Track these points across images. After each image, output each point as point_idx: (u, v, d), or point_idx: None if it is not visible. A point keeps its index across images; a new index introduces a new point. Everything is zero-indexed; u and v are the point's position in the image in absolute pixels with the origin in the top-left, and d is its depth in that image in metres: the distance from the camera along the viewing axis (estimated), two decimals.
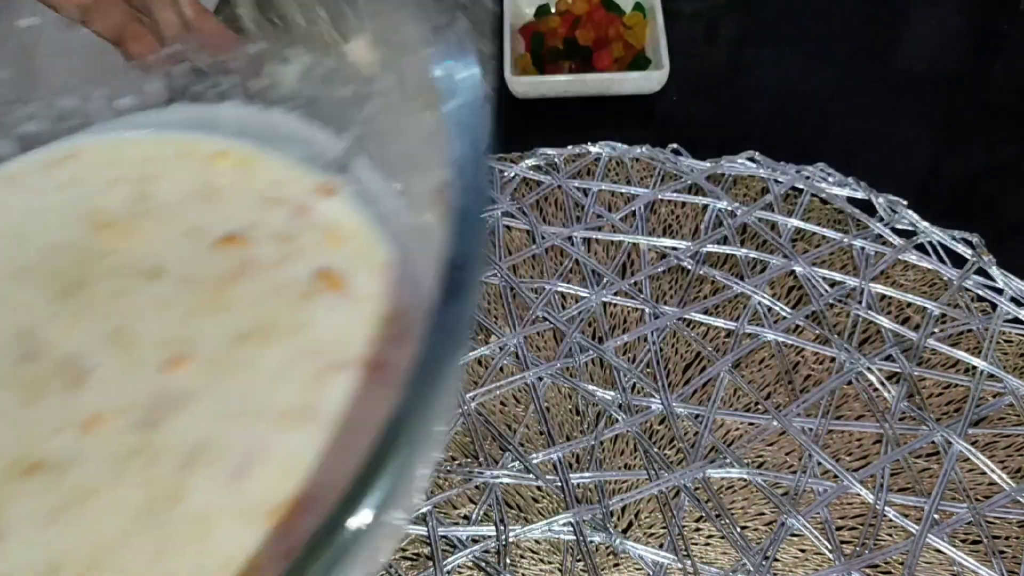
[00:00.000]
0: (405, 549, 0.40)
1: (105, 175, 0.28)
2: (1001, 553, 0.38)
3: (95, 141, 0.29)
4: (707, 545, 0.39)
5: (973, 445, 0.41)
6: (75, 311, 0.25)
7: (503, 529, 0.40)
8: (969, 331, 0.45)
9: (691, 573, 0.38)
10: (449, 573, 0.39)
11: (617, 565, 0.39)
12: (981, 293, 0.46)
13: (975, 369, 0.43)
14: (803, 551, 0.39)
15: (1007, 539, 0.39)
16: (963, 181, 0.52)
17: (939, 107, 0.56)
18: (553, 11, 0.59)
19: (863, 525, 0.39)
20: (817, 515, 0.40)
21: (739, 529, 0.39)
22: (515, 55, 0.57)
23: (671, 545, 0.39)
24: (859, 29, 0.61)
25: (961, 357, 0.44)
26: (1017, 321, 0.45)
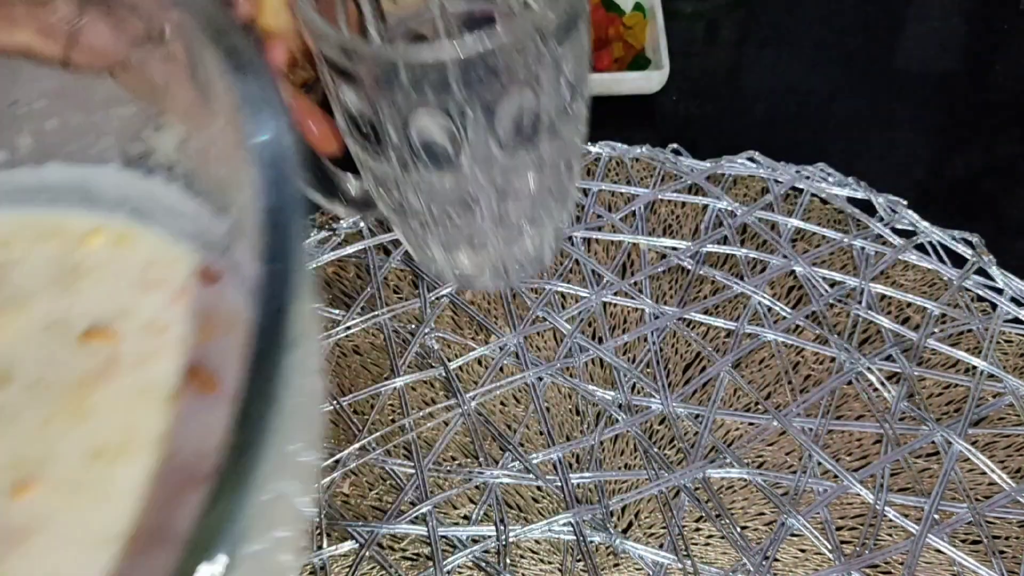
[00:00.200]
0: (405, 549, 0.40)
1: None
2: (1001, 553, 0.38)
3: None
4: (707, 545, 0.39)
5: (973, 445, 0.41)
6: None
7: (503, 529, 0.40)
8: (969, 331, 0.45)
9: (691, 573, 0.38)
10: (449, 573, 0.39)
11: (617, 565, 0.39)
12: (981, 293, 0.46)
13: (975, 369, 0.43)
14: (803, 551, 0.39)
15: (1007, 539, 0.39)
16: (963, 181, 0.52)
17: (939, 107, 0.56)
18: None
19: (863, 525, 0.39)
20: (817, 515, 0.40)
21: (739, 529, 0.39)
22: None
23: (671, 545, 0.39)
24: (859, 29, 0.61)
25: (961, 357, 0.44)
26: (1017, 321, 0.45)
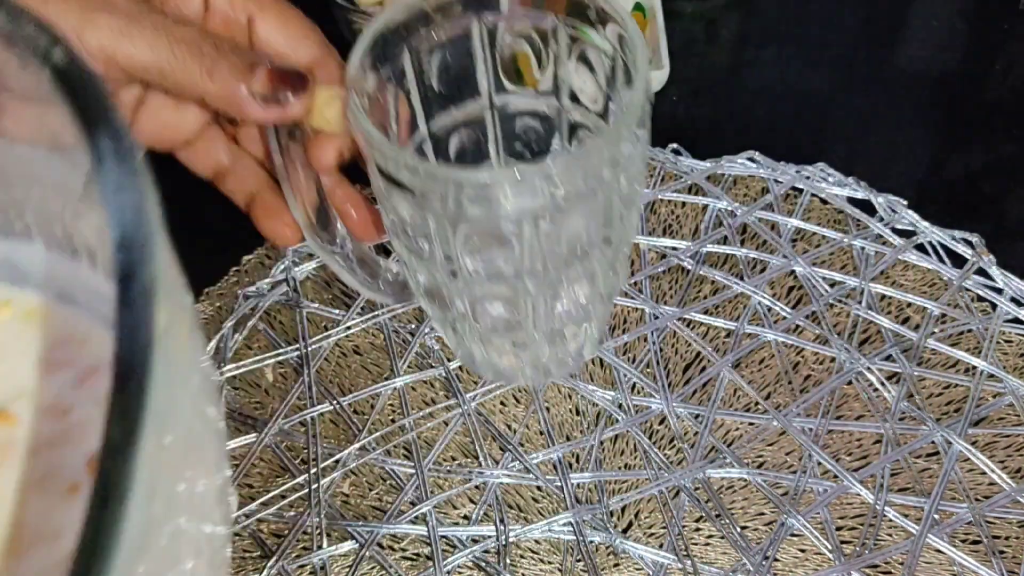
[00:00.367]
0: (405, 549, 0.40)
1: None
2: (1001, 553, 0.38)
3: None
4: (707, 545, 0.39)
5: (973, 445, 0.41)
6: None
7: (503, 529, 0.40)
8: (969, 331, 0.45)
9: (691, 573, 0.38)
10: (449, 573, 0.39)
11: (617, 565, 0.39)
12: (981, 293, 0.46)
13: (975, 369, 0.43)
14: (803, 551, 0.39)
15: (1007, 539, 0.39)
16: (963, 181, 0.52)
17: (939, 107, 0.56)
18: None
19: (863, 525, 0.39)
20: (817, 515, 0.40)
21: (739, 529, 0.39)
22: None
23: (671, 545, 0.39)
24: (859, 29, 0.61)
25: (961, 357, 0.44)
26: (1017, 321, 0.45)
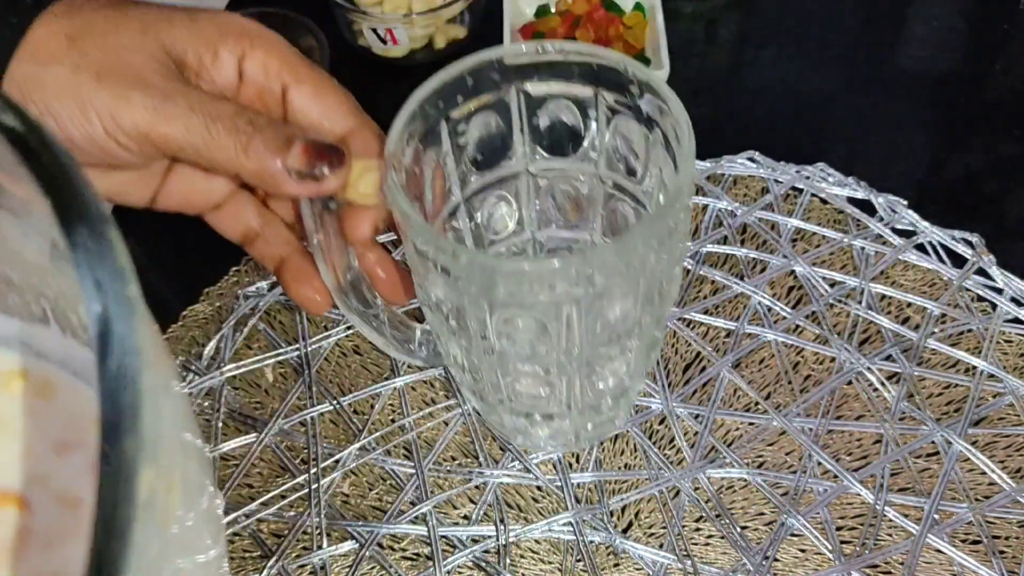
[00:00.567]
0: (405, 549, 0.40)
1: None
2: (1001, 553, 0.38)
3: None
4: (707, 545, 0.39)
5: (973, 445, 0.41)
6: None
7: (503, 529, 0.40)
8: (969, 331, 0.45)
9: (691, 573, 0.38)
10: (449, 573, 0.39)
11: (617, 565, 0.39)
12: (981, 293, 0.46)
13: (975, 369, 0.43)
14: (803, 551, 0.39)
15: (1007, 539, 0.39)
16: (963, 181, 0.52)
17: (939, 107, 0.56)
18: (553, 11, 0.59)
19: (863, 525, 0.39)
20: (817, 515, 0.40)
21: (739, 529, 0.39)
22: None
23: (671, 545, 0.39)
24: (859, 29, 0.61)
25: (961, 357, 0.44)
26: (1017, 321, 0.45)
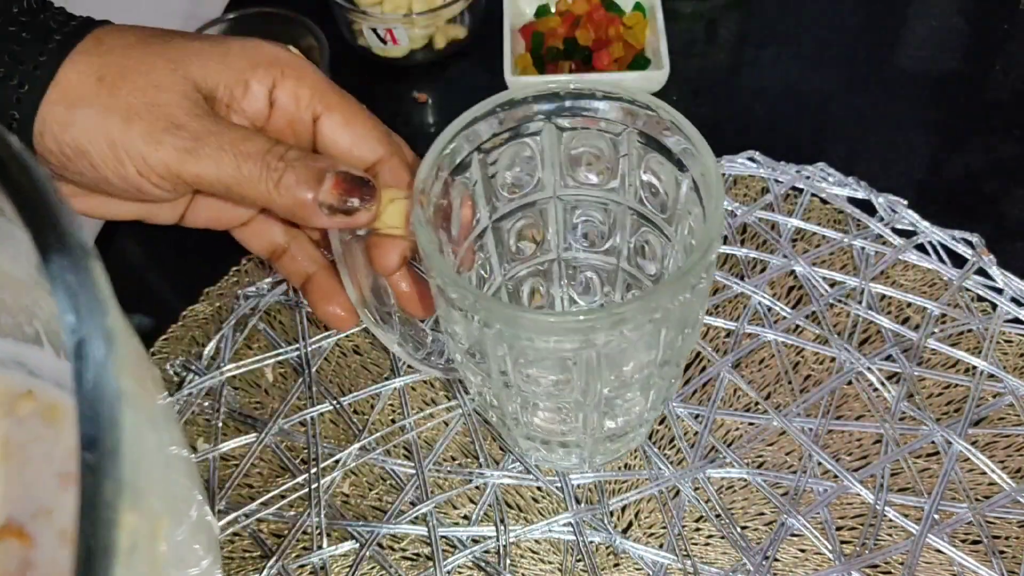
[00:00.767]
0: (405, 549, 0.40)
1: None
2: (1001, 553, 0.38)
3: None
4: (707, 545, 0.39)
5: (973, 445, 0.41)
6: None
7: (503, 529, 0.40)
8: (969, 331, 0.45)
9: (691, 573, 0.38)
10: (449, 573, 0.39)
11: (617, 565, 0.39)
12: (981, 293, 0.46)
13: (975, 369, 0.43)
14: (803, 551, 0.39)
15: (1007, 539, 0.39)
16: (963, 181, 0.52)
17: (939, 107, 0.56)
18: (553, 11, 0.59)
19: (863, 525, 0.39)
20: (817, 515, 0.40)
21: (739, 529, 0.39)
22: (515, 55, 0.57)
23: (671, 545, 0.39)
24: (859, 29, 0.61)
25: (961, 357, 0.44)
26: (1017, 321, 0.45)
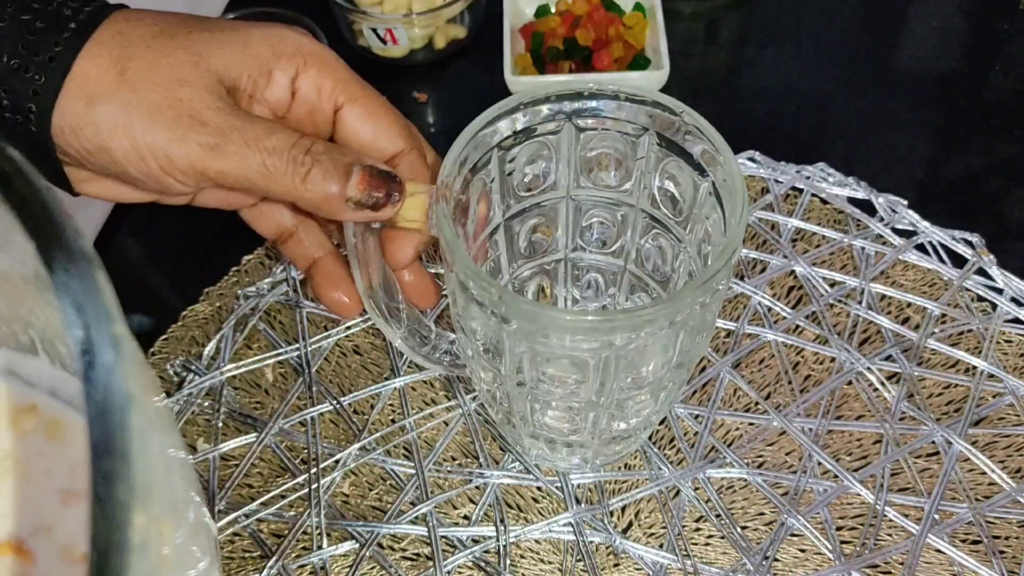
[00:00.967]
0: (405, 549, 0.40)
1: None
2: (1001, 553, 0.38)
3: None
4: (707, 545, 0.39)
5: (973, 445, 0.41)
6: None
7: (503, 529, 0.40)
8: (969, 331, 0.45)
9: (691, 573, 0.38)
10: (449, 573, 0.39)
11: (617, 565, 0.39)
12: (981, 293, 0.46)
13: (975, 369, 0.43)
14: (803, 551, 0.39)
15: (1007, 539, 0.39)
16: (963, 181, 0.52)
17: (939, 107, 0.56)
18: (553, 11, 0.59)
19: (863, 525, 0.39)
20: (817, 515, 0.40)
21: (739, 529, 0.39)
22: (515, 55, 0.57)
23: (671, 545, 0.39)
24: (859, 29, 0.61)
25: (961, 357, 0.44)
26: (1017, 321, 0.45)
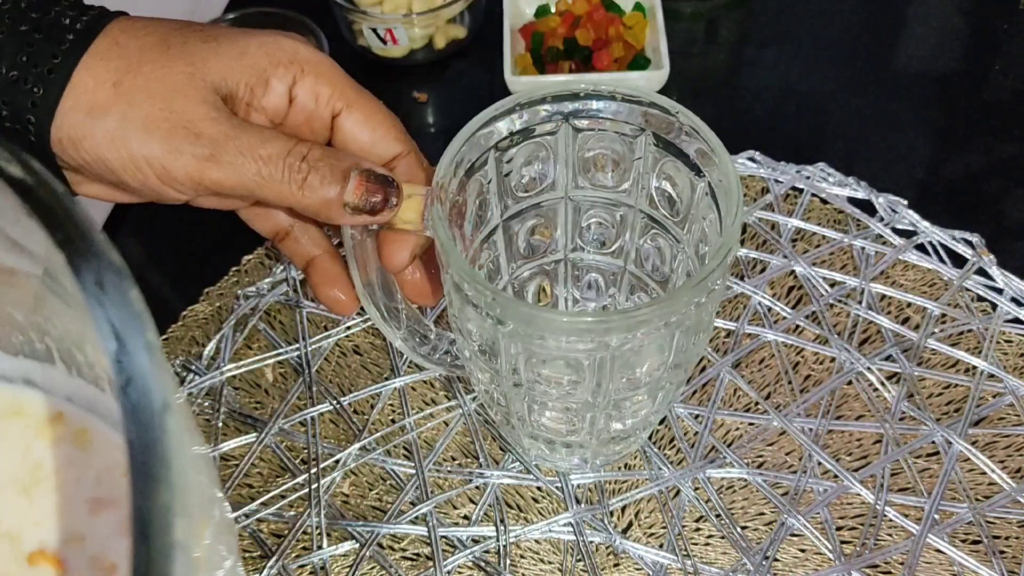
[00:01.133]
0: (405, 549, 0.40)
1: None
2: (1001, 553, 0.38)
3: None
4: (707, 545, 0.39)
5: (973, 445, 0.41)
6: None
7: (503, 529, 0.40)
8: (969, 331, 0.45)
9: (691, 573, 0.38)
10: (449, 573, 0.39)
11: (617, 565, 0.39)
12: (981, 293, 0.46)
13: (975, 369, 0.43)
14: (803, 551, 0.39)
15: (1007, 539, 0.39)
16: (963, 181, 0.52)
17: (939, 107, 0.56)
18: (553, 11, 0.59)
19: (863, 525, 0.39)
20: (817, 515, 0.40)
21: (739, 529, 0.39)
22: (515, 55, 0.57)
23: (671, 545, 0.39)
24: (859, 29, 0.61)
25: (961, 357, 0.44)
26: (1017, 321, 0.45)
